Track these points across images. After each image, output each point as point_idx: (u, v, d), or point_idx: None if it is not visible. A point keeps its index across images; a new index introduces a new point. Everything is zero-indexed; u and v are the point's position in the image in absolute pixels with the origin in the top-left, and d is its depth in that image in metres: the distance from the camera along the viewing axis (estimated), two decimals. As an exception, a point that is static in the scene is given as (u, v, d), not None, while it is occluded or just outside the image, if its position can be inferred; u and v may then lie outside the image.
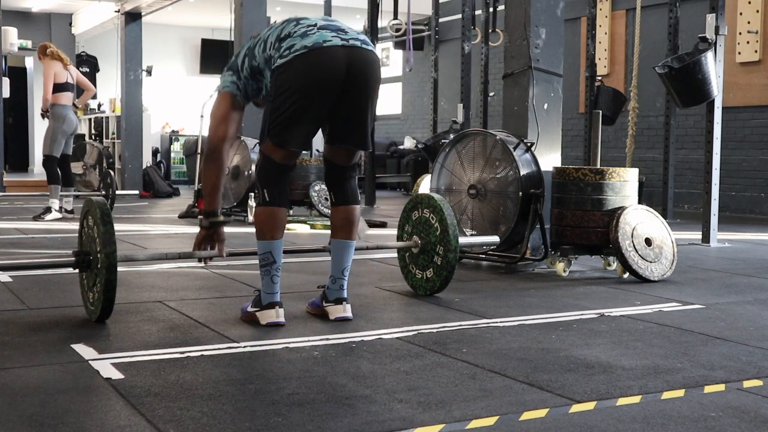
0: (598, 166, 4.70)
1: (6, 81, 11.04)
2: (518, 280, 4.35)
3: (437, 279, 3.66)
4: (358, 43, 3.03)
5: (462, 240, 3.82)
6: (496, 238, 4.21)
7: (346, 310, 3.20)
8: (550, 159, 4.85)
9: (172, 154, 14.71)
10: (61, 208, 7.61)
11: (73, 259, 3.11)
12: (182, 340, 2.85)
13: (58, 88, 7.54)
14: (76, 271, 3.19)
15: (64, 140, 7.61)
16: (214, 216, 3.19)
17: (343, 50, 2.98)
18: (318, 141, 8.36)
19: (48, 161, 7.57)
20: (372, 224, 6.91)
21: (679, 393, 2.30)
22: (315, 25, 3.03)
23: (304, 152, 4.23)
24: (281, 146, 3.02)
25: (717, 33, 5.82)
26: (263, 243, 3.06)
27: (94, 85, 13.17)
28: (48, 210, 7.45)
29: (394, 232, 4.03)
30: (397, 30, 9.38)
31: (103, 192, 8.04)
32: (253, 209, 3.95)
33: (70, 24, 14.22)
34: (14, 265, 3.98)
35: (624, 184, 4.49)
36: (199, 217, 3.26)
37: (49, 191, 7.54)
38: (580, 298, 3.80)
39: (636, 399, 2.24)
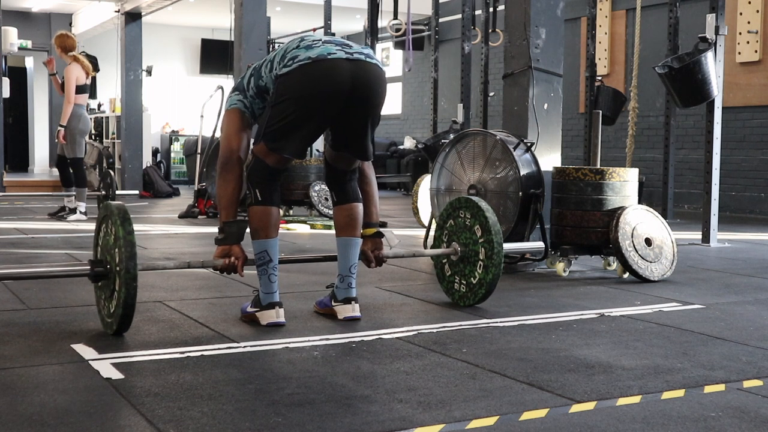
0: (598, 166, 4.70)
1: (6, 81, 11.02)
2: (518, 280, 4.35)
3: (480, 289, 3.43)
4: (362, 56, 3.02)
5: (507, 246, 3.63)
6: (540, 244, 4.17)
7: (354, 310, 3.20)
8: (550, 159, 4.85)
9: (172, 154, 14.70)
10: (65, 208, 7.59)
11: (90, 269, 2.90)
12: (182, 340, 2.85)
13: (78, 89, 7.44)
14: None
15: (84, 140, 7.54)
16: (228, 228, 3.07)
17: (347, 63, 2.97)
18: (318, 141, 8.35)
19: (77, 164, 7.44)
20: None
21: (679, 393, 2.30)
22: (319, 39, 3.05)
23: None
24: (276, 152, 3.02)
25: (717, 33, 5.82)
26: (258, 242, 3.05)
27: (94, 85, 13.06)
28: (73, 211, 7.42)
29: (396, 232, 4.01)
30: (397, 30, 9.37)
31: (103, 192, 8.03)
32: None
33: (70, 24, 14.21)
34: (28, 274, 3.97)
35: (624, 184, 4.49)
36: (216, 236, 3.11)
37: (77, 194, 7.44)
38: (580, 298, 3.80)
39: (636, 399, 2.24)
